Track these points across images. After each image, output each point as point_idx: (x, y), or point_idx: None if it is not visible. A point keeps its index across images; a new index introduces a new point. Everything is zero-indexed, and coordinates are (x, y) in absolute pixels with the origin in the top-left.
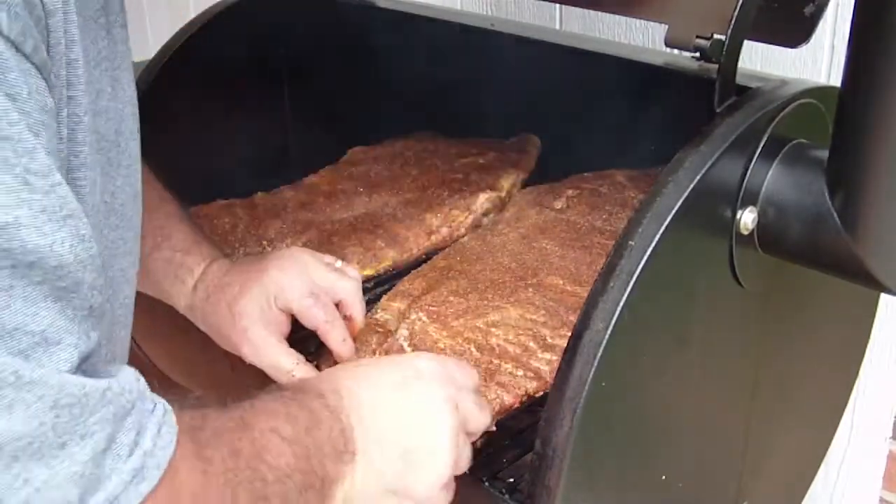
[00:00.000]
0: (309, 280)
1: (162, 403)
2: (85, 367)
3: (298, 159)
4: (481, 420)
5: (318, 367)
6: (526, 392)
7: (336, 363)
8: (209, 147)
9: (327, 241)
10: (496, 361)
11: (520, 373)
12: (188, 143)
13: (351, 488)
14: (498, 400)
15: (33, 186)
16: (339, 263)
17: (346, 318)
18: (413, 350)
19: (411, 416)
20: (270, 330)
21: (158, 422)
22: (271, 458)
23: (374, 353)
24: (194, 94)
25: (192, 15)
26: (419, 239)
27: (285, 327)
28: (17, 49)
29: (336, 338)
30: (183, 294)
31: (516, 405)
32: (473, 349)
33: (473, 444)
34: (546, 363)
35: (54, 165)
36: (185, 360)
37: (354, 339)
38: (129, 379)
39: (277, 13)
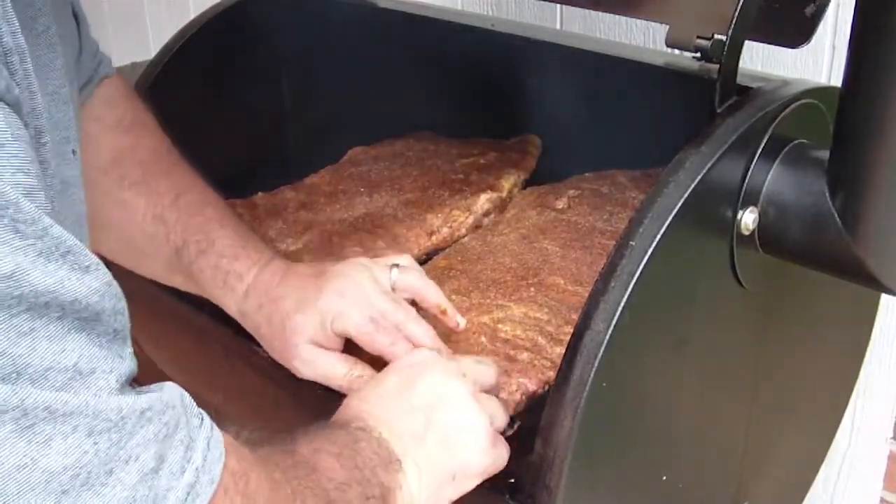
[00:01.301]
0: (369, 306)
1: (206, 415)
2: (128, 387)
3: (298, 159)
4: (488, 372)
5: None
6: (548, 380)
7: None
8: (209, 147)
9: (328, 242)
10: (512, 352)
11: (538, 362)
12: (188, 143)
13: (411, 495)
14: (520, 389)
15: (24, 233)
16: (395, 273)
17: (441, 314)
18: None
19: (428, 404)
20: (323, 347)
21: (206, 435)
22: (327, 471)
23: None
24: (194, 94)
25: (192, 15)
26: (420, 239)
27: (339, 346)
28: None
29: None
30: (234, 301)
31: (539, 392)
32: (486, 342)
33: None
34: (559, 356)
35: (42, 209)
36: (185, 359)
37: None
38: (174, 395)
39: (277, 13)
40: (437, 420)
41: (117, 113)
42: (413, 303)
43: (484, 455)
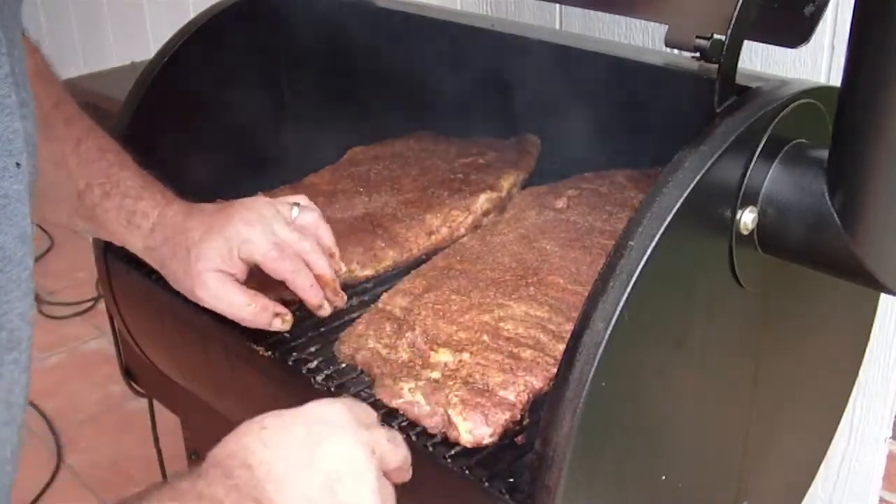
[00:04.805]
0: (273, 234)
1: None
2: None
3: (298, 159)
4: (398, 454)
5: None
6: (553, 377)
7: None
8: (209, 147)
9: None
10: (515, 350)
11: (541, 359)
12: (188, 143)
13: None
14: (528, 387)
15: None
16: (295, 212)
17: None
18: (429, 346)
19: (329, 469)
20: (227, 276)
21: None
22: None
23: (391, 340)
24: (194, 94)
25: (192, 15)
26: (419, 239)
27: (242, 276)
28: None
29: (304, 285)
30: (140, 237)
31: (545, 389)
32: (488, 340)
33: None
34: (562, 353)
35: None
36: (185, 360)
37: (326, 286)
38: None
39: (277, 14)
40: (337, 490)
41: None
42: None
43: None
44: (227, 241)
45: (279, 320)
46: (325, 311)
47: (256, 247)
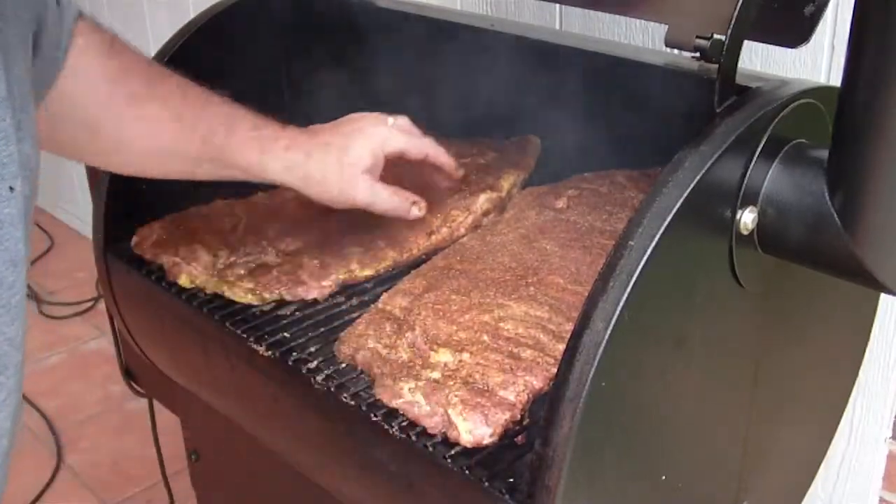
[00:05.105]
0: (399, 128)
1: None
2: None
3: None
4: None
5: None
6: (553, 377)
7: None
8: None
9: (327, 241)
10: (515, 350)
11: (541, 359)
12: None
13: None
14: (528, 387)
15: None
16: (391, 119)
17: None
18: (429, 346)
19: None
20: (372, 175)
21: None
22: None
23: (391, 340)
24: None
25: (192, 15)
26: (419, 239)
27: (379, 174)
28: None
29: (444, 153)
30: (278, 159)
31: (545, 389)
32: (488, 340)
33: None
34: (562, 353)
35: None
36: (185, 360)
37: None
38: None
39: (277, 13)
40: None
41: (97, 46)
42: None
43: None
44: (371, 143)
45: (416, 207)
46: (421, 211)
47: (396, 139)
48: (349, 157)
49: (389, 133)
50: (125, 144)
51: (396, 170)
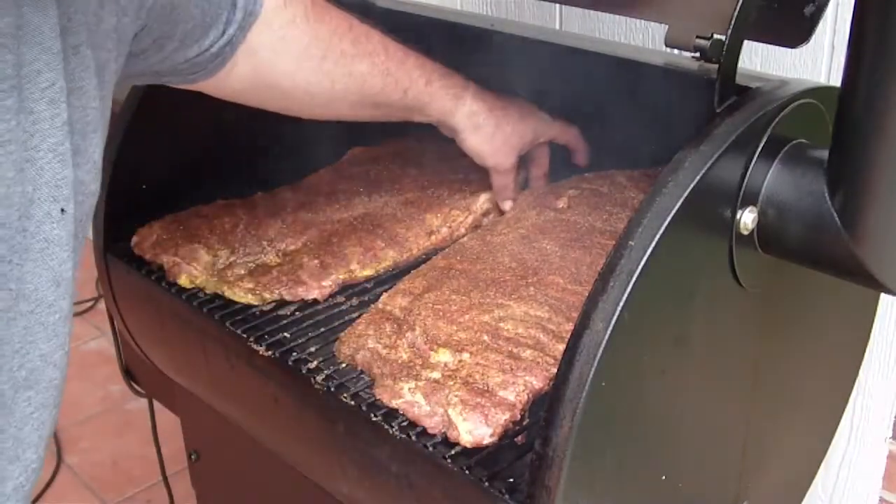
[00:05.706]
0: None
1: None
2: None
3: (298, 159)
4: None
5: None
6: (553, 377)
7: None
8: (209, 147)
9: (327, 241)
10: (515, 350)
11: (541, 359)
12: (188, 142)
13: None
14: (528, 388)
15: None
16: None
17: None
18: (429, 346)
19: None
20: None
21: None
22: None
23: (391, 340)
24: (194, 93)
25: None
26: (419, 239)
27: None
28: None
29: (581, 141)
30: (465, 105)
31: (545, 389)
32: (488, 340)
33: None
34: (562, 353)
35: None
36: (185, 360)
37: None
38: None
39: None
40: None
41: (303, 14)
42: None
43: None
44: (537, 126)
45: (509, 203)
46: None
47: (552, 128)
48: (518, 131)
49: (548, 121)
50: (337, 100)
51: (395, 166)
